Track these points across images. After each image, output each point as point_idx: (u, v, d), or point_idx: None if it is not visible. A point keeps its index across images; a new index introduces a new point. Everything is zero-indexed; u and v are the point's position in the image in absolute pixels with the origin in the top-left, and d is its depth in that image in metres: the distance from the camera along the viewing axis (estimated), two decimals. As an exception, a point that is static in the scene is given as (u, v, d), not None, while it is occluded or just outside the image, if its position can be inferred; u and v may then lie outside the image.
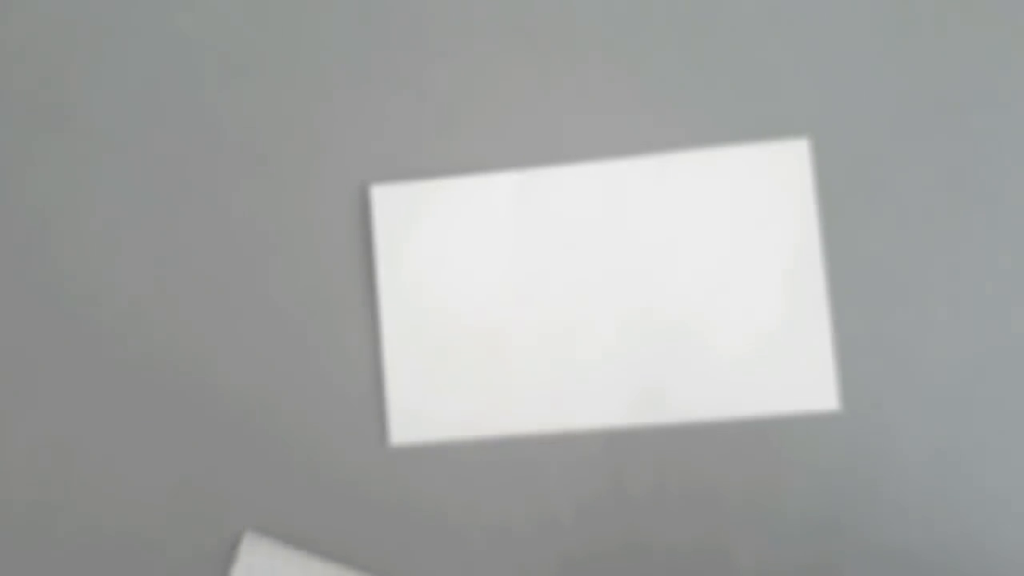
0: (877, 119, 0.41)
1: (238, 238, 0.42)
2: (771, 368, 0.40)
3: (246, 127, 0.43)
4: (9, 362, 0.42)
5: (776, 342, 0.40)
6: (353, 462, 0.41)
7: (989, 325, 0.40)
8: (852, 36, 0.41)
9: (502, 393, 0.41)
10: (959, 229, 0.40)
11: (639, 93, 0.42)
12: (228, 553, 0.41)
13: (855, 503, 0.38)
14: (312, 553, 0.40)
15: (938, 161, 0.41)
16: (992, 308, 0.40)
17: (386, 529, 0.41)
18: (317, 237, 0.42)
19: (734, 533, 0.40)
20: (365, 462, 0.41)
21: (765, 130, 0.41)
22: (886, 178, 0.41)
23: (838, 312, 0.40)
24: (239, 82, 0.43)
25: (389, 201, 0.42)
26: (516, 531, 0.40)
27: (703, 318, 0.40)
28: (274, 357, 0.42)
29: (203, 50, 0.43)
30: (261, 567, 0.39)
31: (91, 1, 0.44)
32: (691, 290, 0.41)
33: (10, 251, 0.43)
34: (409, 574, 0.40)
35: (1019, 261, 0.40)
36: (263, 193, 0.42)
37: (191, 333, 0.42)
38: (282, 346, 0.42)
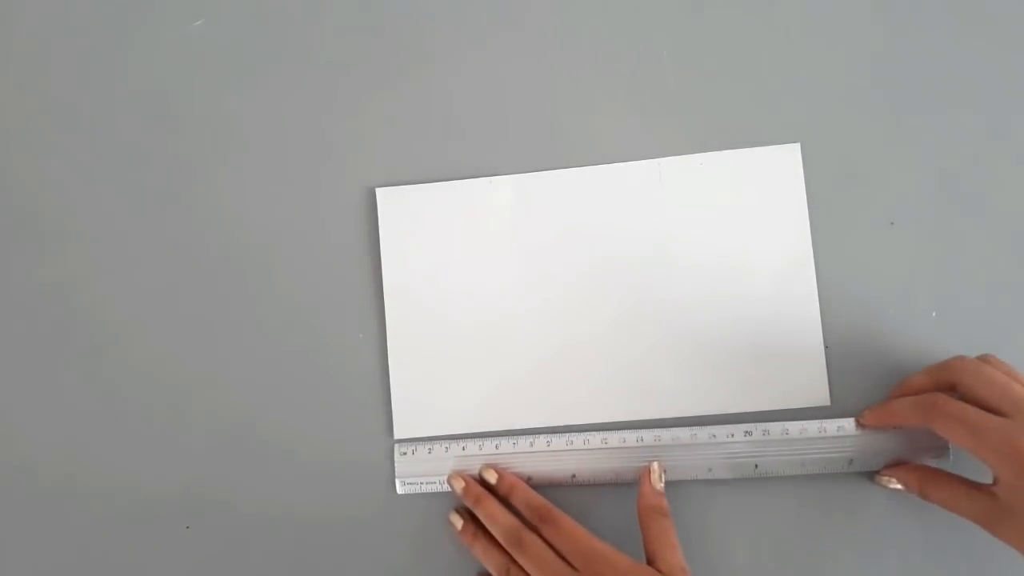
0: (863, 126, 0.42)
1: (251, 238, 0.43)
2: (765, 364, 0.41)
3: (261, 133, 0.44)
4: (22, 367, 0.43)
5: (770, 339, 0.41)
6: (359, 455, 0.42)
7: (972, 321, 0.41)
8: (841, 49, 0.43)
9: (500, 389, 0.42)
10: (943, 229, 0.42)
11: (641, 104, 0.43)
12: (239, 546, 0.42)
13: (847, 491, 0.39)
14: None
15: (923, 165, 0.42)
16: (975, 306, 0.41)
17: (389, 518, 0.42)
18: (327, 236, 0.43)
19: (730, 521, 0.41)
20: (370, 455, 0.42)
21: (759, 138, 0.42)
22: (872, 182, 0.42)
23: (826, 310, 0.41)
24: (255, 93, 0.44)
25: (393, 202, 0.43)
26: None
27: (700, 317, 0.41)
28: (286, 352, 0.43)
29: (223, 64, 0.44)
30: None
31: (107, 9, 0.45)
32: (688, 290, 0.42)
33: (32, 253, 0.44)
34: (411, 559, 0.41)
35: (1000, 261, 0.42)
36: (275, 194, 0.44)
37: (206, 327, 0.43)
38: (294, 341, 0.43)
